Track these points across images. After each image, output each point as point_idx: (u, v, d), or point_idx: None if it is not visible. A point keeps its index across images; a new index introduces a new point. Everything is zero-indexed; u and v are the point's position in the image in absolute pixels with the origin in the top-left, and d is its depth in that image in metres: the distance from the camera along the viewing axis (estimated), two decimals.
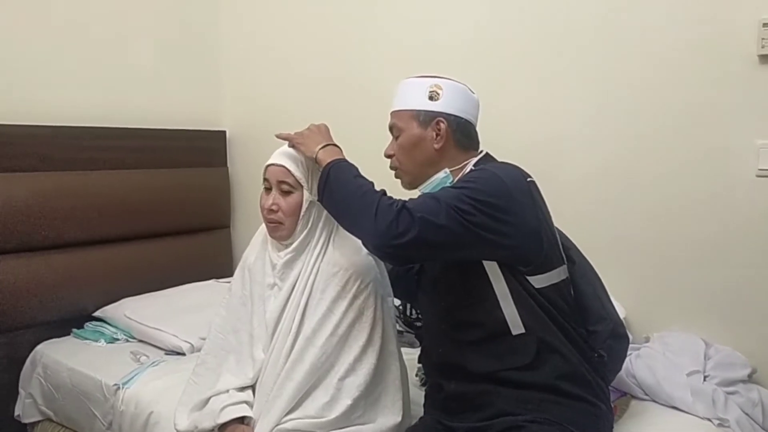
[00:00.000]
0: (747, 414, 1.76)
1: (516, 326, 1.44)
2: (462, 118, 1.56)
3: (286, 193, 1.59)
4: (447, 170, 1.55)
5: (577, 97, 2.26)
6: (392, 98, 1.62)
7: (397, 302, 2.14)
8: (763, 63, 1.93)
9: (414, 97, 1.57)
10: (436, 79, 1.58)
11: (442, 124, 1.54)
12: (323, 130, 1.62)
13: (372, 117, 2.60)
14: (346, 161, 1.53)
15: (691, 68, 2.04)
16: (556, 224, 1.54)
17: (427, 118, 1.54)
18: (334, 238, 1.61)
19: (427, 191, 1.53)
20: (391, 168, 1.62)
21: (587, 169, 2.26)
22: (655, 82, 2.11)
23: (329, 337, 1.53)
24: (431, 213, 1.35)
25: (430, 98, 1.55)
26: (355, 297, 1.55)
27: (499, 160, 1.60)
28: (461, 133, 1.56)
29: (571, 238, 1.64)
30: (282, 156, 1.61)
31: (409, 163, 1.58)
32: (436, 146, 1.54)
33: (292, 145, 1.62)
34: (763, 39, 1.91)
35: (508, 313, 1.43)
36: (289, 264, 1.61)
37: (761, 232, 1.97)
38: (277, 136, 1.65)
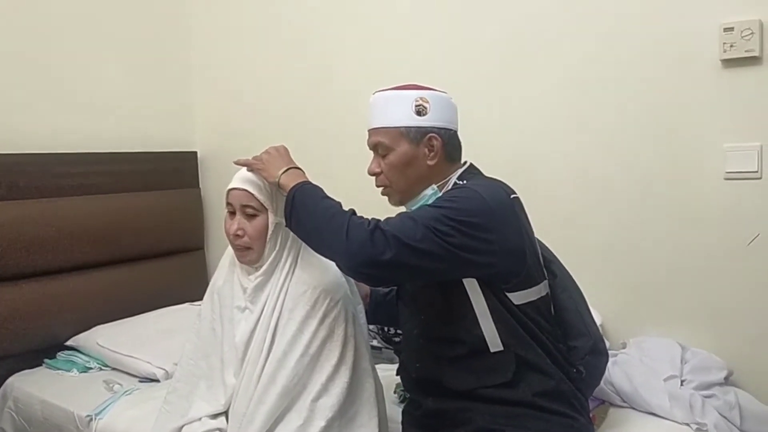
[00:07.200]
0: (724, 417, 1.75)
1: (494, 344, 1.42)
2: (451, 130, 1.53)
3: (251, 217, 1.57)
4: (434, 186, 1.50)
5: (543, 105, 2.27)
6: (368, 114, 1.55)
7: None
8: (726, 67, 1.95)
9: (399, 113, 1.49)
10: (417, 90, 1.51)
11: (435, 141, 1.49)
12: (282, 153, 1.58)
13: (344, 136, 2.63)
14: (310, 183, 1.49)
15: (656, 74, 2.06)
16: None
17: (418, 135, 1.48)
18: (302, 258, 1.59)
19: (414, 208, 1.49)
20: (379, 186, 1.56)
21: (558, 178, 2.26)
22: (620, 89, 2.12)
23: (300, 358, 1.50)
24: (407, 234, 1.31)
25: (418, 113, 1.48)
26: (325, 315, 1.53)
27: (482, 172, 1.57)
28: (451, 145, 1.52)
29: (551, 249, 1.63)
30: (244, 180, 1.58)
31: (402, 181, 1.51)
32: (430, 163, 1.49)
33: (252, 170, 1.58)
34: (725, 43, 1.92)
35: (486, 331, 1.41)
36: (260, 287, 1.58)
37: (732, 234, 1.98)
38: (236, 163, 1.61)
